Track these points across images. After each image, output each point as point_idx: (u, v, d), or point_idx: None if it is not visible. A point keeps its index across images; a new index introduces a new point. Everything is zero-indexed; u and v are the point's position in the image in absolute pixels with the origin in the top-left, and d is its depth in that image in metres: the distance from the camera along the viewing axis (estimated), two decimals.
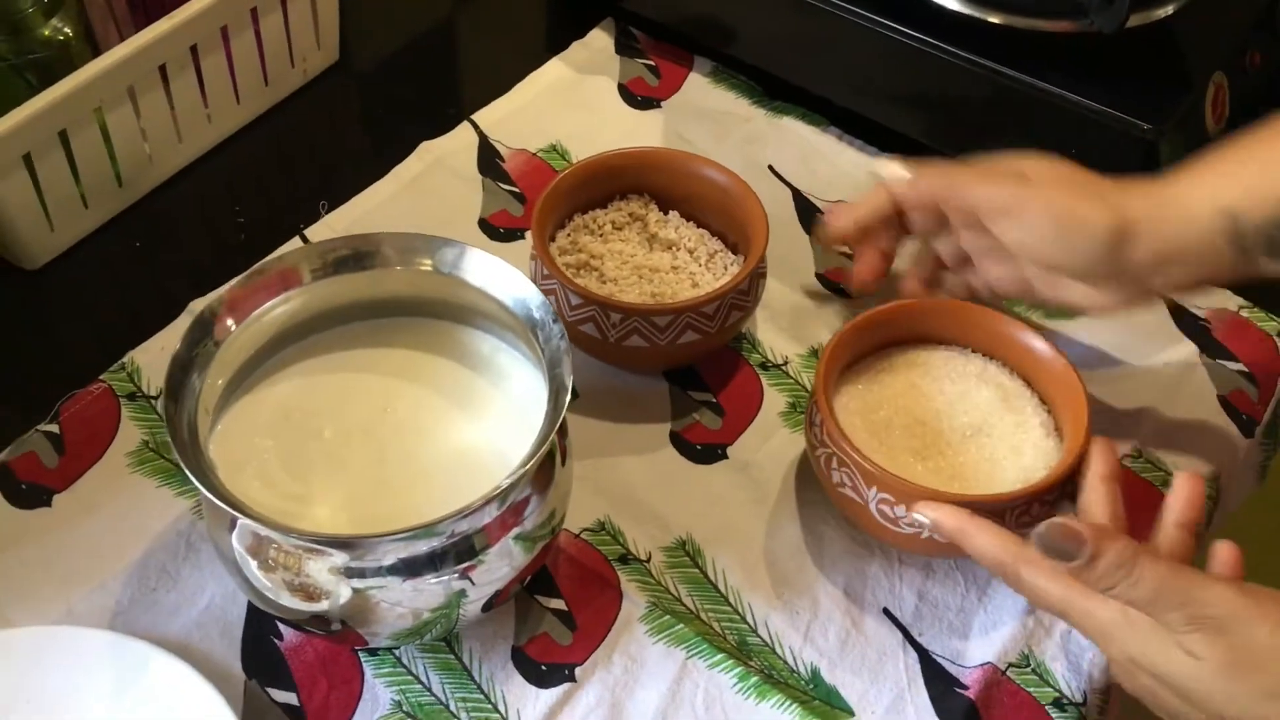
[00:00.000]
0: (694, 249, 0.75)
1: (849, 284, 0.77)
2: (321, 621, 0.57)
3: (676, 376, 0.74)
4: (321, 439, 0.61)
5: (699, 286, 0.73)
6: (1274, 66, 0.85)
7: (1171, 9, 0.78)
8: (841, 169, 0.85)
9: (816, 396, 0.64)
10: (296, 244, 0.80)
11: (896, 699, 0.62)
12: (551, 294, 0.69)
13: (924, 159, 0.71)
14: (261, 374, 0.62)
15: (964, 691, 0.62)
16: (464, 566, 0.56)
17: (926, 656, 0.63)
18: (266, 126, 0.88)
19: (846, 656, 0.63)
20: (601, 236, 0.76)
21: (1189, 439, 0.72)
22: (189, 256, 0.81)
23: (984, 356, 0.69)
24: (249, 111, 0.87)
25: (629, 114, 0.89)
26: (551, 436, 0.55)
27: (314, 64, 0.90)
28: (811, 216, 0.82)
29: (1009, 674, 0.63)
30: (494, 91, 0.90)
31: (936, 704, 0.62)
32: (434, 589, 0.56)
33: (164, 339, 0.74)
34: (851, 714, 0.61)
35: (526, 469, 0.54)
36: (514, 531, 0.57)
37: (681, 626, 0.64)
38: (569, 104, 0.90)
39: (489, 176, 0.85)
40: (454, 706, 0.61)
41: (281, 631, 0.63)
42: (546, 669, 0.62)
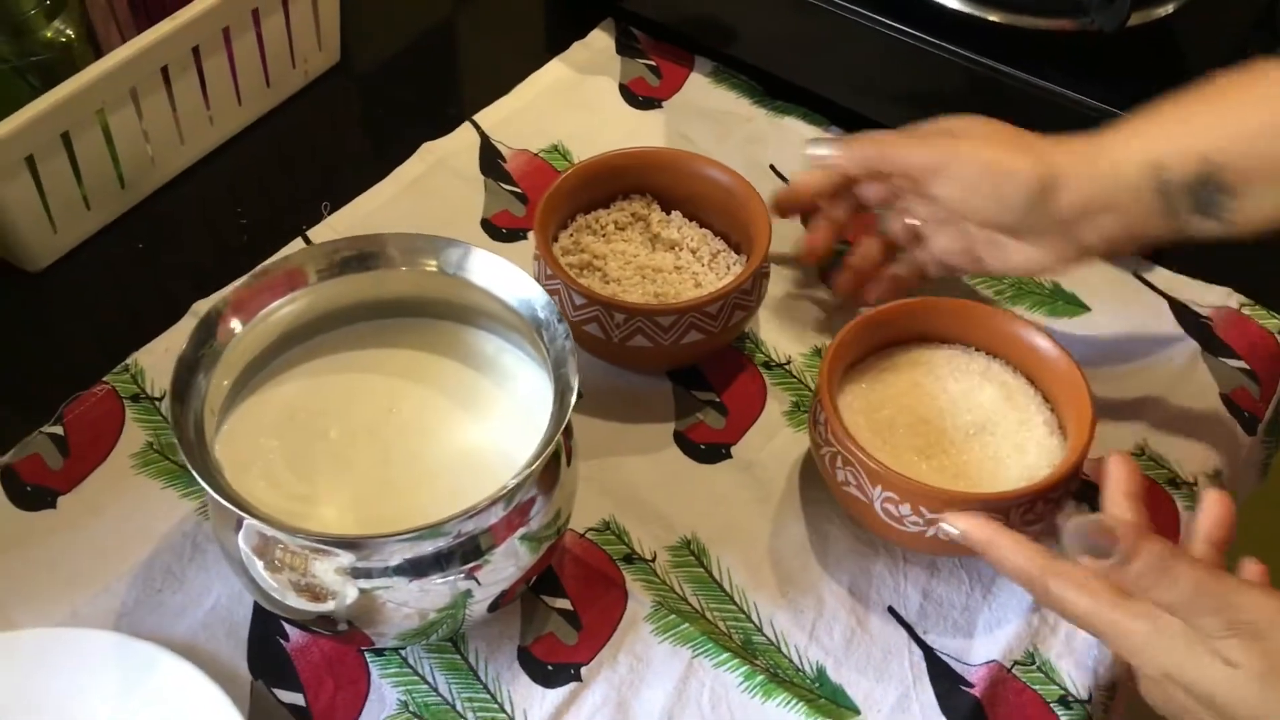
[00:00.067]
0: (697, 249, 0.75)
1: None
2: (328, 622, 0.57)
3: (680, 376, 0.74)
4: (327, 439, 0.61)
5: (702, 286, 0.73)
6: None
7: (1172, 8, 0.78)
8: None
9: (820, 395, 0.64)
10: (299, 245, 0.80)
11: (902, 697, 0.62)
12: (555, 294, 0.69)
13: (859, 131, 0.72)
14: (267, 374, 0.62)
15: (969, 689, 0.62)
16: (470, 567, 0.56)
17: (932, 654, 0.64)
18: (268, 128, 0.88)
19: (852, 655, 0.63)
20: (604, 237, 0.76)
21: (1191, 436, 0.72)
22: (191, 258, 0.81)
23: (987, 355, 0.69)
24: (251, 113, 0.87)
25: (630, 114, 0.89)
26: (557, 437, 0.55)
27: (315, 65, 0.90)
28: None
29: (1014, 671, 0.63)
30: (495, 92, 0.90)
31: (942, 702, 0.62)
32: (440, 589, 0.56)
33: (167, 340, 0.74)
34: (857, 712, 0.61)
35: (532, 469, 0.54)
36: (520, 532, 0.57)
37: (687, 626, 0.64)
38: (570, 104, 0.90)
39: (491, 177, 0.85)
40: (460, 706, 0.61)
41: (287, 632, 0.63)
42: (552, 669, 0.62)
